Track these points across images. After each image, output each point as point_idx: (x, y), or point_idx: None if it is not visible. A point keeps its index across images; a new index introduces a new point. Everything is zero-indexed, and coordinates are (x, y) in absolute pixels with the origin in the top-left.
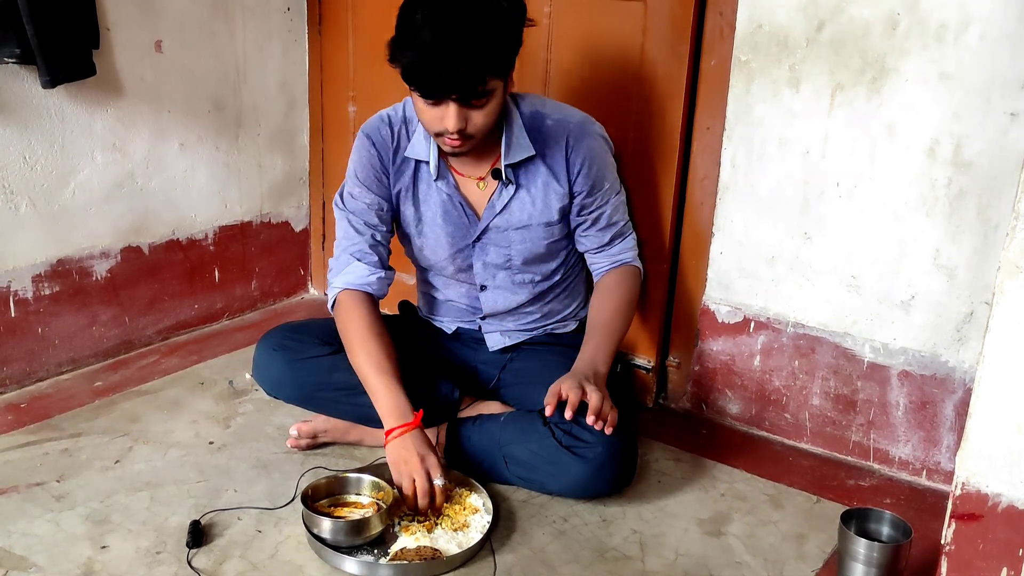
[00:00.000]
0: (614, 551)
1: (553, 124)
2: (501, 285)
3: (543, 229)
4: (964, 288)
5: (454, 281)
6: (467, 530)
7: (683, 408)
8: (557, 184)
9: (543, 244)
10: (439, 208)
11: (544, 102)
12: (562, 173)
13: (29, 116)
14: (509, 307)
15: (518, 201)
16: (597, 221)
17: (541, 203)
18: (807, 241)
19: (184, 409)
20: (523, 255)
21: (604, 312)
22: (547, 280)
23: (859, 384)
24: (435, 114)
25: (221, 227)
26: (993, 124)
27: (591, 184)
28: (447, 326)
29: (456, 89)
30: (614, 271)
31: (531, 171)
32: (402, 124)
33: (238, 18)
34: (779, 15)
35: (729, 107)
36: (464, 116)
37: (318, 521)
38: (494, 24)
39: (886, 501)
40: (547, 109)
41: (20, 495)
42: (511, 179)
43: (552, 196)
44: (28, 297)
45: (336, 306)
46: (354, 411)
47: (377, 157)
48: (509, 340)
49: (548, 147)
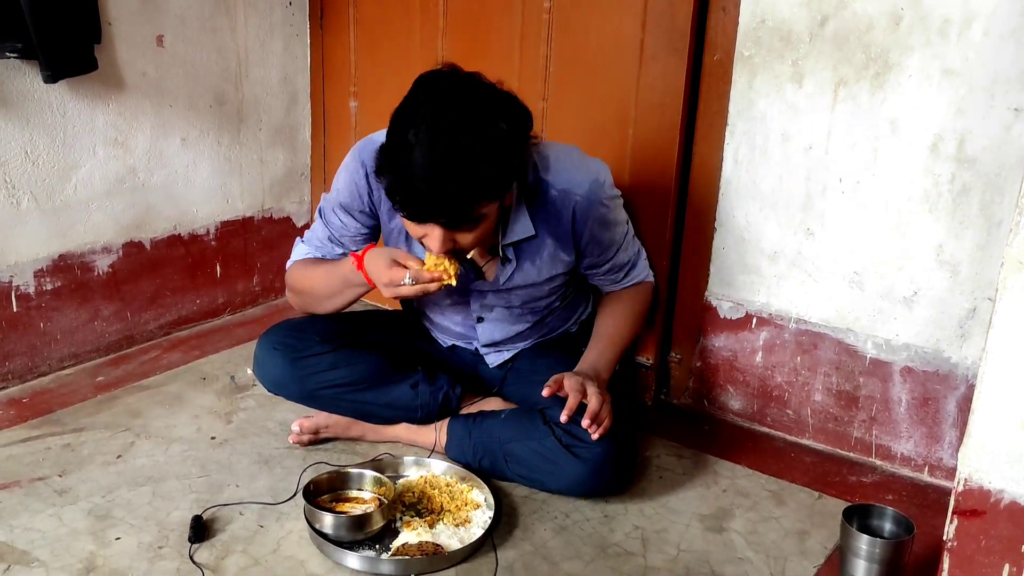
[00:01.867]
0: (616, 547)
1: (557, 195)
2: (498, 318)
3: (546, 284)
4: (967, 284)
5: (450, 311)
6: (469, 525)
7: (685, 404)
8: (563, 254)
9: (544, 290)
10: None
11: (546, 161)
12: (568, 243)
13: (31, 111)
14: (506, 336)
15: (521, 273)
16: (611, 270)
17: (547, 271)
18: (809, 237)
19: (186, 404)
20: (523, 299)
21: (611, 321)
22: (546, 310)
23: (861, 380)
24: (420, 231)
25: (223, 222)
26: (997, 120)
27: (602, 248)
28: (443, 341)
29: (442, 217)
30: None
31: (534, 245)
32: None
33: (239, 13)
34: (782, 10)
35: (732, 102)
36: (451, 238)
37: (320, 516)
38: (492, 152)
39: (888, 497)
40: (551, 175)
41: (22, 490)
42: (510, 258)
43: (559, 264)
44: (30, 292)
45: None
46: (355, 407)
47: (367, 191)
48: (508, 355)
49: (553, 221)
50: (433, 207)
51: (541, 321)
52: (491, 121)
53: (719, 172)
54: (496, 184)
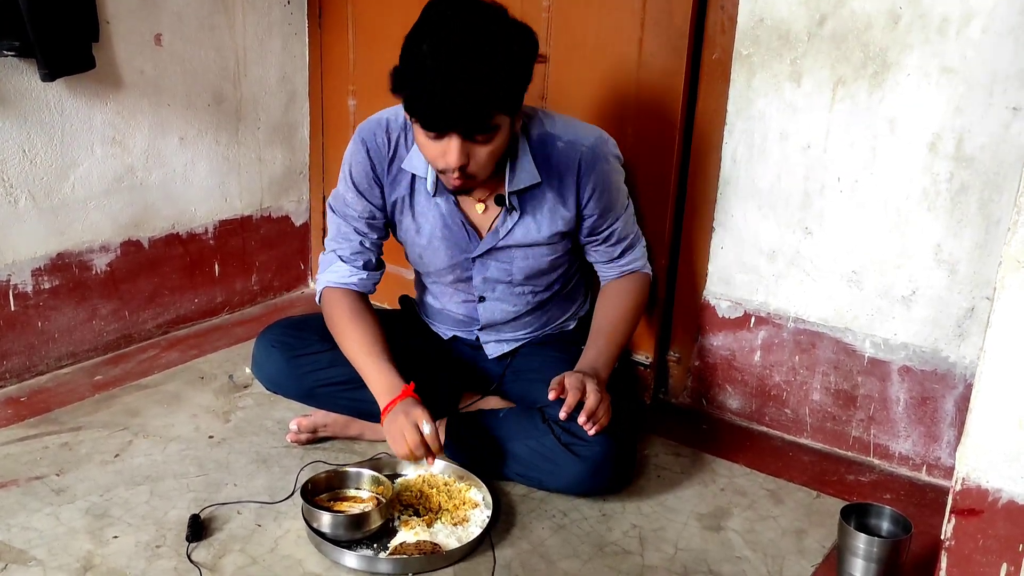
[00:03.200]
0: (613, 545)
1: (564, 147)
2: (500, 297)
3: (547, 248)
4: (965, 283)
5: (452, 290)
6: (467, 524)
7: (683, 403)
8: (564, 209)
9: (546, 261)
10: (438, 222)
11: (554, 121)
12: (571, 198)
13: (28, 109)
14: (507, 318)
15: (522, 227)
16: (608, 239)
17: (547, 228)
18: (808, 236)
19: (184, 403)
20: (525, 270)
21: (609, 317)
22: (547, 291)
23: (859, 379)
24: (437, 149)
25: (221, 221)
26: (995, 118)
27: (602, 208)
28: (443, 332)
29: (460, 123)
30: (623, 276)
31: (537, 197)
32: (401, 131)
33: (238, 11)
34: (781, 9)
35: (730, 101)
36: (467, 152)
37: (318, 515)
38: (503, 59)
39: (886, 497)
40: (557, 129)
41: (20, 489)
42: (514, 206)
43: (559, 220)
44: (28, 291)
45: (322, 301)
46: (353, 406)
47: (370, 165)
48: (507, 347)
49: (558, 172)
50: (450, 113)
51: (541, 307)
52: (500, 32)
53: (718, 171)
54: (508, 91)
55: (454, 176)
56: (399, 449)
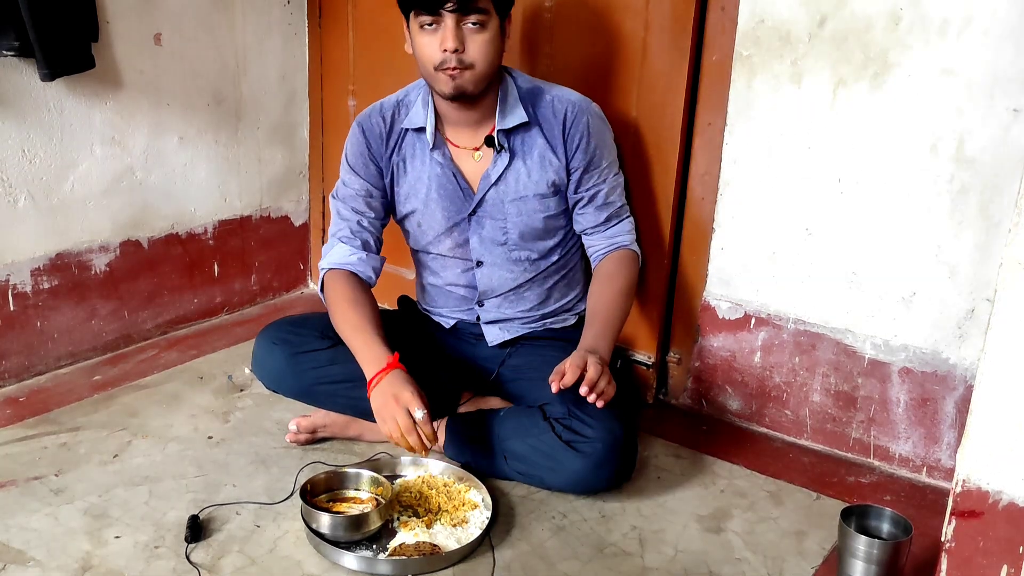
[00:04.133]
0: (613, 547)
1: (552, 99)
2: (497, 262)
3: (539, 201)
4: (965, 285)
5: (450, 259)
6: (466, 526)
7: (683, 404)
8: (554, 156)
9: (540, 218)
10: (434, 181)
11: (543, 83)
12: (559, 146)
13: (28, 109)
14: (505, 287)
15: (513, 172)
16: (594, 199)
17: (537, 174)
18: (808, 237)
19: (183, 403)
20: (519, 228)
21: (604, 299)
22: (544, 259)
23: (860, 381)
24: (434, 40)
25: (220, 221)
26: (996, 120)
27: (589, 159)
28: (446, 319)
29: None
30: (612, 256)
31: (527, 141)
32: (394, 108)
33: (238, 11)
34: (781, 10)
35: (731, 102)
36: (461, 36)
37: (317, 516)
38: None
39: (886, 498)
40: (545, 86)
41: (18, 489)
42: (503, 145)
43: (548, 168)
44: (27, 291)
45: (322, 286)
46: (353, 405)
47: (366, 145)
48: (508, 334)
49: (546, 119)
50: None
51: (540, 280)
52: None
53: (718, 172)
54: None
55: (451, 69)
56: (390, 431)
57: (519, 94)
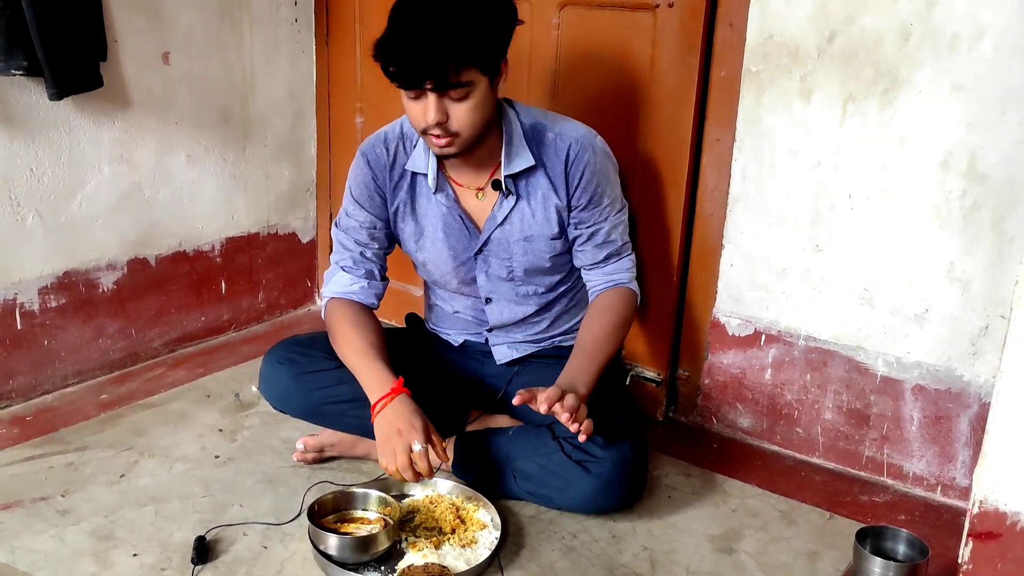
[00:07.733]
0: (624, 568)
1: (555, 137)
2: (505, 297)
3: (545, 242)
4: (979, 301)
5: (459, 295)
6: (475, 546)
7: (693, 422)
8: (556, 197)
9: (546, 257)
10: (439, 222)
11: (546, 115)
12: (561, 186)
13: (36, 128)
14: (515, 319)
15: (518, 213)
16: (594, 236)
17: (542, 216)
18: (819, 253)
19: (190, 422)
20: (524, 266)
21: (591, 333)
22: (551, 292)
23: (872, 398)
24: (418, 109)
25: (228, 239)
26: (1008, 135)
27: (589, 198)
28: (454, 338)
29: (429, 74)
30: (608, 292)
31: (531, 183)
32: (399, 140)
33: (245, 29)
34: (790, 26)
35: (739, 118)
36: (443, 109)
37: (324, 537)
38: (475, 13)
39: (900, 517)
40: (549, 121)
41: (24, 510)
42: (511, 190)
43: (552, 209)
44: (34, 309)
45: (325, 314)
46: (361, 425)
47: (371, 176)
48: (516, 353)
49: (549, 159)
50: (415, 66)
51: (548, 308)
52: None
53: (727, 188)
54: (477, 45)
55: (436, 136)
56: (386, 465)
57: (523, 131)
